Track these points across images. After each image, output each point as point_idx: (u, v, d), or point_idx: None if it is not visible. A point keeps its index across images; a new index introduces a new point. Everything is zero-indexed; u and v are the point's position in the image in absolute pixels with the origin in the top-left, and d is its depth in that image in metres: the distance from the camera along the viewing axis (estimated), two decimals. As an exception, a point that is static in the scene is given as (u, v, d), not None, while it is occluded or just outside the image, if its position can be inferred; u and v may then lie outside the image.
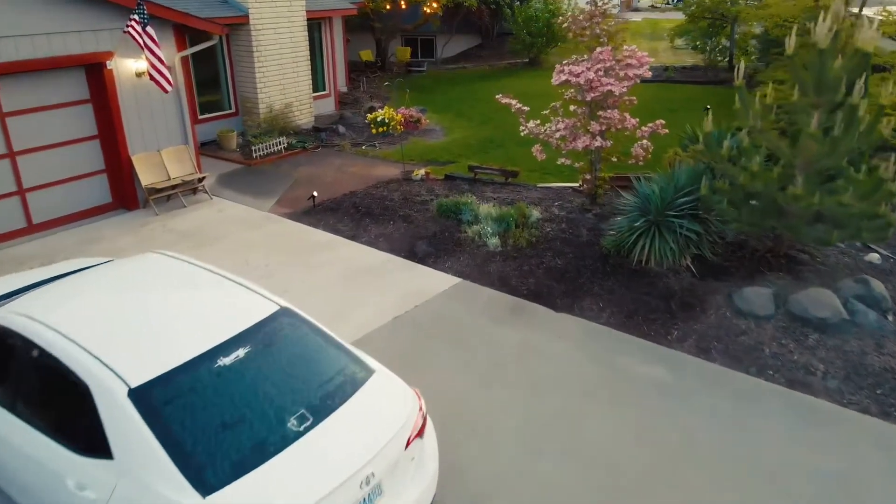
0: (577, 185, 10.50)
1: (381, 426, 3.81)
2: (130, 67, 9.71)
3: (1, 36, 8.26)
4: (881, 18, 14.87)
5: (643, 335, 6.57)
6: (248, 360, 3.84)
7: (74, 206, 9.76)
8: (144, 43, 8.90)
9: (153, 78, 9.20)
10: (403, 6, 23.02)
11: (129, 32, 8.93)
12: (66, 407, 3.72)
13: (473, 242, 8.59)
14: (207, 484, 3.20)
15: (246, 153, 13.35)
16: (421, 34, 26.11)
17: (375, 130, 10.95)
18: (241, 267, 8.23)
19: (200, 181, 10.78)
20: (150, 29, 8.87)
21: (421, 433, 4.01)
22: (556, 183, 11.07)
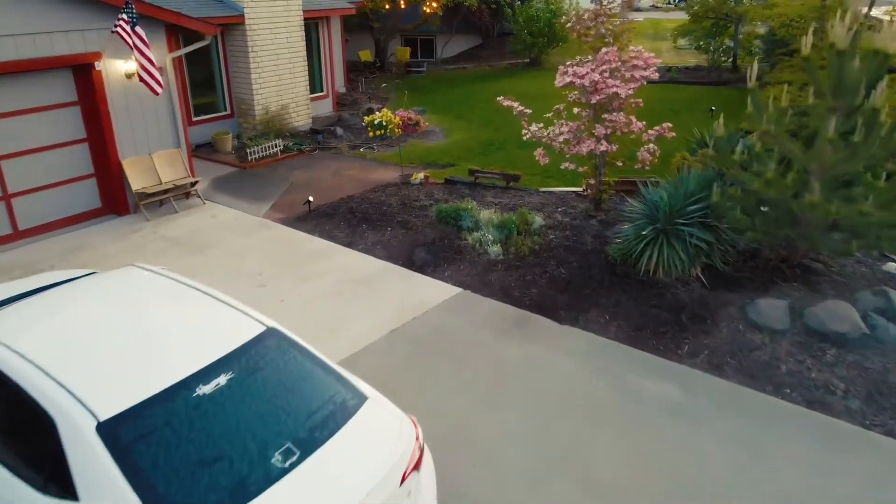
0: (580, 189, 10.21)
1: (374, 460, 3.51)
2: (120, 68, 9.41)
3: (-17, 36, 7.99)
4: (888, 19, 14.58)
5: (652, 350, 6.26)
6: (229, 388, 3.53)
7: (62, 211, 9.45)
8: (133, 43, 8.60)
9: (143, 79, 8.89)
10: (403, 6, 22.72)
11: (117, 32, 8.62)
12: (29, 441, 3.41)
13: (474, 250, 8.28)
14: (181, 530, 2.90)
15: (241, 156, 13.05)
16: (420, 34, 25.82)
17: (372, 133, 10.66)
18: (233, 276, 7.93)
19: (193, 185, 10.48)
20: (139, 29, 8.56)
21: (418, 466, 3.70)
22: (558, 187, 10.77)
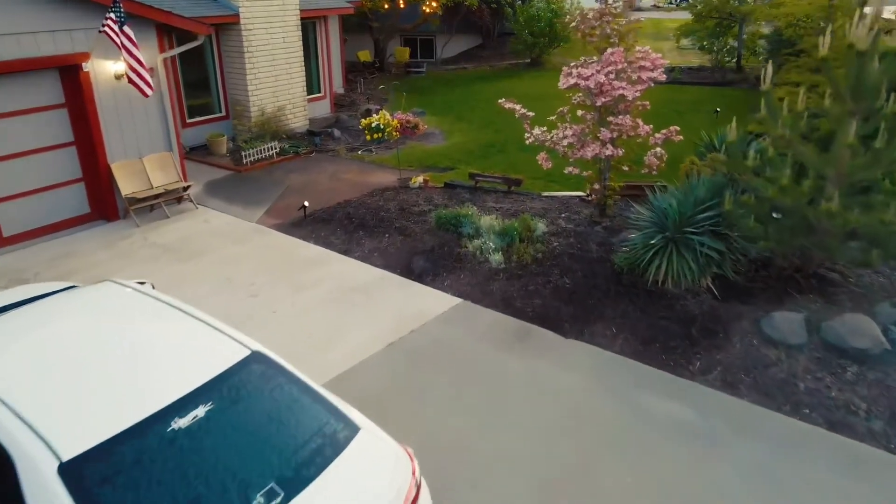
0: (584, 194, 9.91)
1: (366, 498, 3.22)
2: (109, 69, 9.10)
3: (-35, 36, 7.70)
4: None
5: (662, 366, 5.96)
6: (208, 421, 3.24)
7: (49, 217, 9.14)
8: (122, 43, 8.29)
9: (132, 81, 8.59)
10: (402, 5, 22.42)
11: (105, 32, 8.32)
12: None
13: (475, 258, 7.98)
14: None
15: (236, 159, 12.75)
16: (420, 34, 25.51)
17: (370, 137, 10.35)
18: (224, 285, 7.63)
19: (185, 190, 10.18)
20: (127, 28, 8.26)
21: (415, 503, 3.41)
22: (561, 192, 10.46)
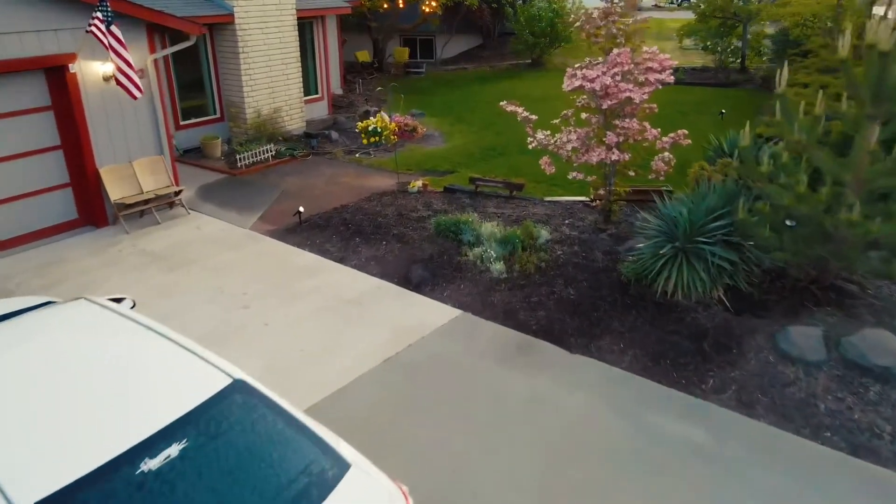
0: (588, 199, 9.61)
1: (357, 545, 2.92)
2: (97, 71, 8.80)
3: (-55, 36, 7.40)
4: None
5: (673, 383, 5.66)
6: (182, 460, 2.93)
7: (36, 223, 8.83)
8: (109, 44, 7.99)
9: (120, 83, 8.28)
10: (401, 5, 22.13)
11: (92, 32, 8.01)
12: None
13: (475, 267, 7.68)
14: None
15: (231, 162, 12.44)
16: (420, 34, 25.21)
17: (366, 141, 10.05)
18: (214, 296, 7.33)
19: (177, 195, 9.87)
20: (114, 28, 7.95)
21: (410, 548, 3.12)
22: (564, 197, 10.16)
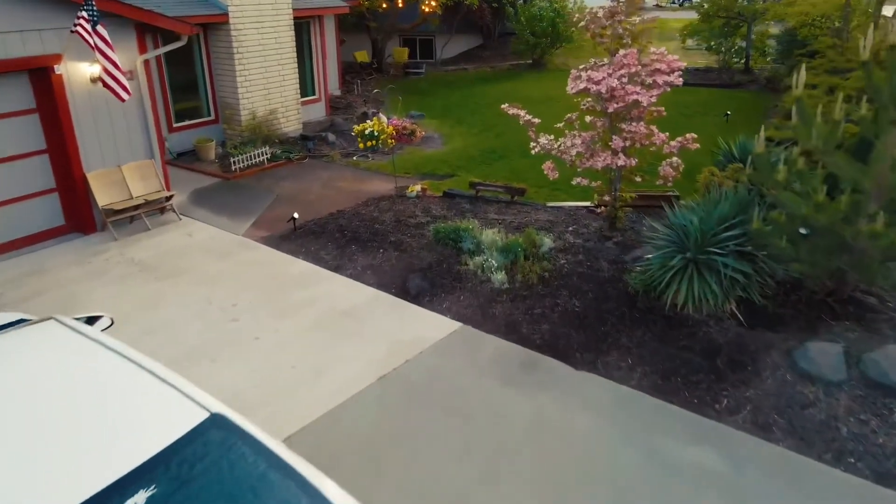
0: (592, 204, 9.30)
1: None
2: (84, 72, 8.49)
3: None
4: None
5: (685, 403, 5.35)
6: (150, 510, 2.63)
7: (20, 230, 8.52)
8: (95, 44, 7.69)
9: (107, 84, 7.98)
10: (400, 4, 21.82)
11: (77, 32, 7.71)
12: None
13: (476, 277, 7.37)
14: None
15: (225, 165, 12.14)
16: (419, 34, 24.91)
17: (363, 145, 9.75)
18: (203, 308, 7.02)
19: (168, 200, 9.56)
20: (101, 28, 7.65)
21: None
22: (567, 202, 9.86)
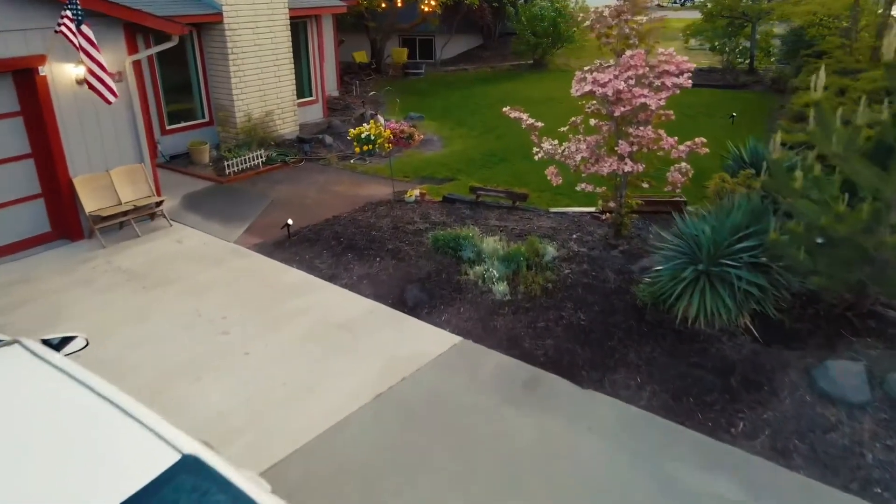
0: (595, 209, 9.00)
1: None
2: (69, 73, 8.18)
3: None
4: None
5: (698, 426, 5.05)
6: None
7: (4, 237, 8.19)
8: (80, 44, 7.38)
9: (92, 86, 7.66)
10: (400, 4, 21.53)
11: (61, 31, 7.40)
12: None
13: (476, 287, 7.07)
14: None
15: (219, 168, 11.83)
16: (419, 34, 24.61)
17: (359, 149, 9.44)
18: (191, 320, 6.72)
19: (158, 205, 9.25)
20: (85, 28, 7.34)
21: None
22: (571, 207, 9.55)
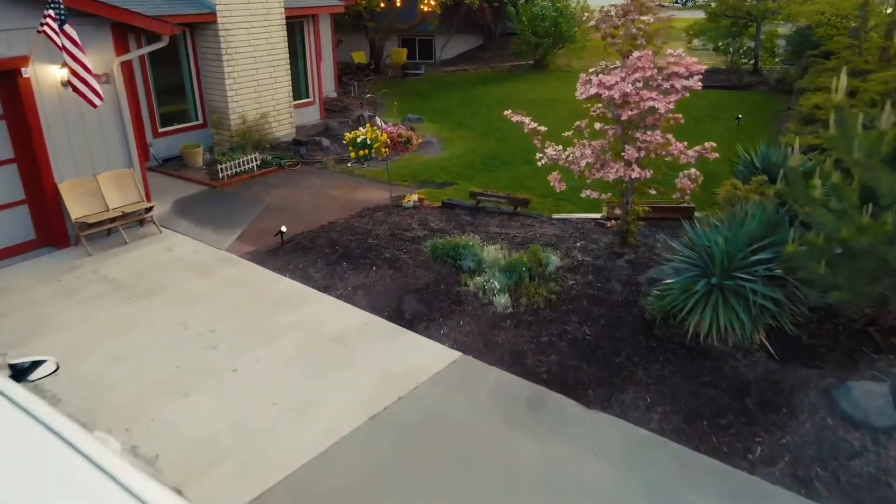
0: (600, 216, 8.70)
1: None
2: (54, 75, 7.89)
3: None
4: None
5: (712, 451, 4.74)
6: None
7: (-13, 245, 7.96)
8: (63, 45, 7.08)
9: (76, 89, 7.34)
10: (399, 4, 21.26)
11: (44, 32, 7.10)
12: None
13: (476, 299, 6.77)
14: None
15: (212, 172, 11.53)
16: (418, 34, 24.32)
17: (354, 154, 9.14)
18: (178, 333, 6.42)
19: (147, 211, 8.95)
20: (68, 28, 7.04)
21: None
22: (574, 213, 9.24)
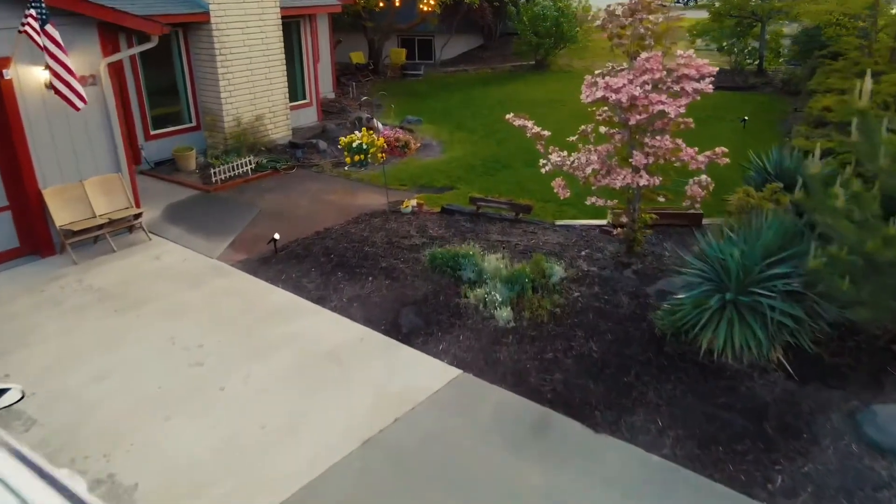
0: (605, 222, 8.39)
1: None
2: (37, 77, 7.57)
3: None
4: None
5: (730, 479, 4.43)
6: None
7: (-33, 253, 7.66)
8: (44, 46, 6.78)
9: (59, 91, 7.04)
10: (398, 3, 20.94)
11: (25, 32, 6.80)
12: None
13: (477, 312, 6.46)
14: None
15: (205, 176, 11.22)
16: (418, 34, 24.00)
17: (350, 160, 8.82)
18: (163, 348, 6.11)
19: (136, 218, 8.64)
20: (50, 28, 6.73)
21: None
22: (578, 220, 8.92)
